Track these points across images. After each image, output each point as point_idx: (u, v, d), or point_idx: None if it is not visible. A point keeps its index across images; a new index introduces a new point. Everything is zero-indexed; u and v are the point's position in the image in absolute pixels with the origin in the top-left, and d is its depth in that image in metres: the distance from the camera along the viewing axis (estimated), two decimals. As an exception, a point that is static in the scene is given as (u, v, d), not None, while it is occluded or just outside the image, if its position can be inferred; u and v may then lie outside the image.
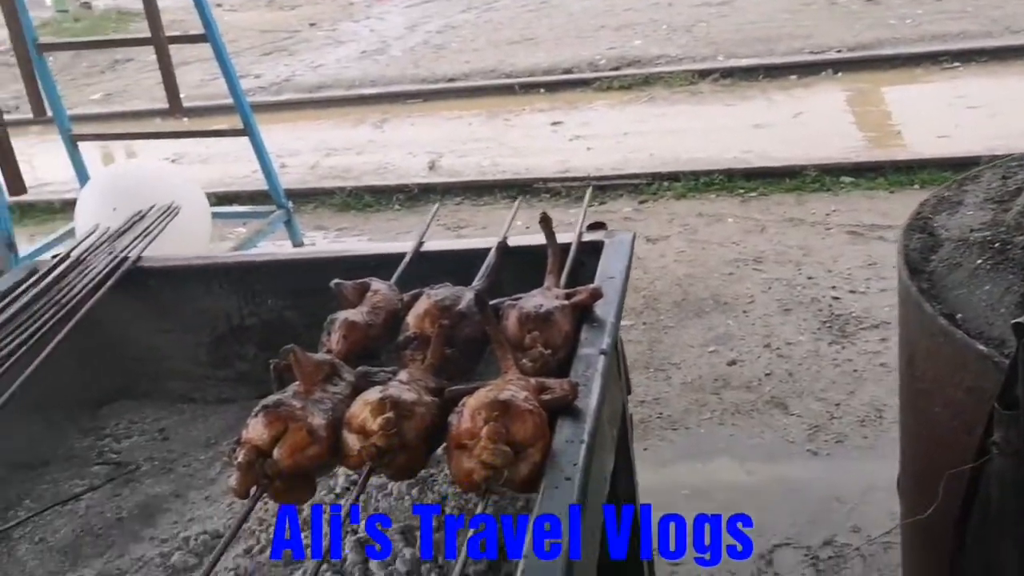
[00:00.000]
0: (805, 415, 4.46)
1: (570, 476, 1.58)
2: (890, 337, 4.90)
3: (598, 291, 2.06)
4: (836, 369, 4.75)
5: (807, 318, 5.19)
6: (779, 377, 4.74)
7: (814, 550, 3.71)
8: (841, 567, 3.63)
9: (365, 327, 2.06)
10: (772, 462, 4.22)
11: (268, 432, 1.70)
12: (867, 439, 4.27)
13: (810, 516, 3.87)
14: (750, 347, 4.99)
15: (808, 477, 4.10)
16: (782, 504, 3.95)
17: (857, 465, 4.11)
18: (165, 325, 2.74)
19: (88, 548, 2.11)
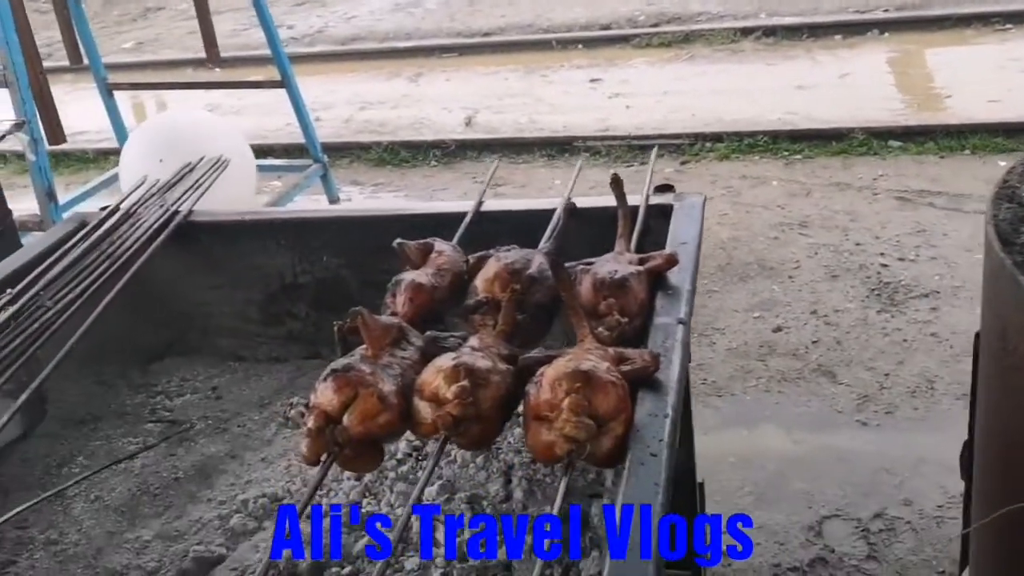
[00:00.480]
0: (854, 384, 4.36)
1: (656, 452, 1.51)
2: (940, 307, 4.80)
3: (674, 257, 1.98)
4: (885, 338, 4.64)
5: (855, 285, 5.07)
6: (826, 345, 4.64)
7: (864, 522, 3.63)
8: (892, 540, 3.55)
9: (431, 289, 1.99)
10: (820, 431, 4.14)
11: (338, 398, 1.64)
12: (918, 411, 4.17)
13: (860, 487, 3.79)
14: (796, 314, 4.89)
15: (857, 448, 4.01)
16: (831, 474, 3.87)
17: (907, 437, 4.02)
18: (216, 281, 2.69)
19: (145, 508, 2.07)
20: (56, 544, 1.98)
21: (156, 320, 2.65)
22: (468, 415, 1.60)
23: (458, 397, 1.60)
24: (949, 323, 4.64)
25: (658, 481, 1.45)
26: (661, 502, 1.41)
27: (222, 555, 1.90)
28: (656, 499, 1.41)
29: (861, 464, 3.91)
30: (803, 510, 3.73)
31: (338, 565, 1.81)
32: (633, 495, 1.42)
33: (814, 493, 3.80)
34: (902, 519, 3.65)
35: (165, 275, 2.62)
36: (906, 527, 3.61)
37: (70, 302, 2.13)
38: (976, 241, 5.29)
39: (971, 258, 5.09)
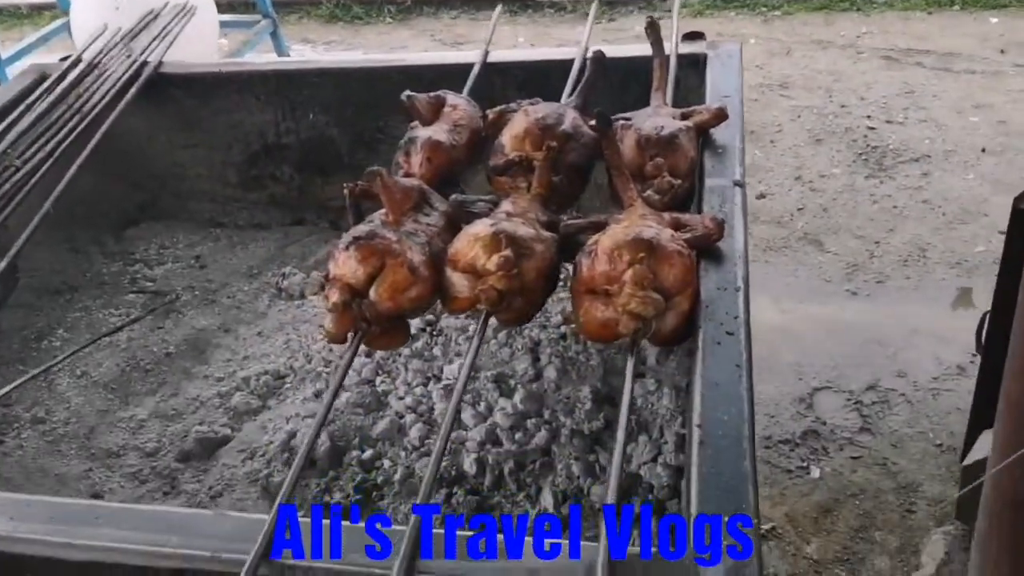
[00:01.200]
0: (842, 253, 4.24)
1: (732, 330, 1.34)
2: (931, 172, 4.66)
3: (723, 111, 1.78)
4: (874, 205, 4.51)
5: (840, 149, 4.92)
6: (812, 212, 4.50)
7: (857, 394, 3.54)
8: (886, 412, 3.47)
9: (449, 148, 1.78)
10: (809, 302, 4.02)
11: (363, 269, 1.44)
12: (910, 280, 4.07)
13: (851, 359, 3.69)
14: (780, 179, 4.73)
15: (847, 318, 3.91)
16: (821, 346, 3.77)
17: (900, 307, 3.92)
18: (190, 140, 2.45)
19: (137, 384, 1.88)
20: (44, 423, 1.80)
21: (127, 182, 2.41)
22: (512, 289, 1.41)
23: (502, 268, 1.41)
24: (940, 189, 4.52)
25: (739, 362, 1.29)
26: (745, 384, 1.25)
27: (227, 435, 1.73)
28: (739, 383, 1.25)
29: (852, 335, 3.81)
30: (793, 382, 3.63)
31: (358, 448, 1.65)
32: (712, 377, 1.26)
33: (804, 365, 3.70)
34: (896, 391, 3.56)
35: (135, 133, 2.38)
36: (900, 399, 3.54)
37: (40, 162, 1.88)
38: (968, 103, 5.15)
39: (962, 120, 4.95)
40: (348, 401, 1.72)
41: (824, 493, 3.23)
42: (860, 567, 2.97)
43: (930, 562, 2.84)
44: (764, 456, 3.41)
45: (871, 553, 3.01)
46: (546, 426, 1.63)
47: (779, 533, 3.08)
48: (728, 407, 1.22)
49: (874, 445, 3.37)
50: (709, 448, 1.15)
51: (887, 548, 3.02)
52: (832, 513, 3.14)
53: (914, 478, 3.22)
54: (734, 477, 1.11)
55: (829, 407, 3.59)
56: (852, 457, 3.35)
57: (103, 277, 2.18)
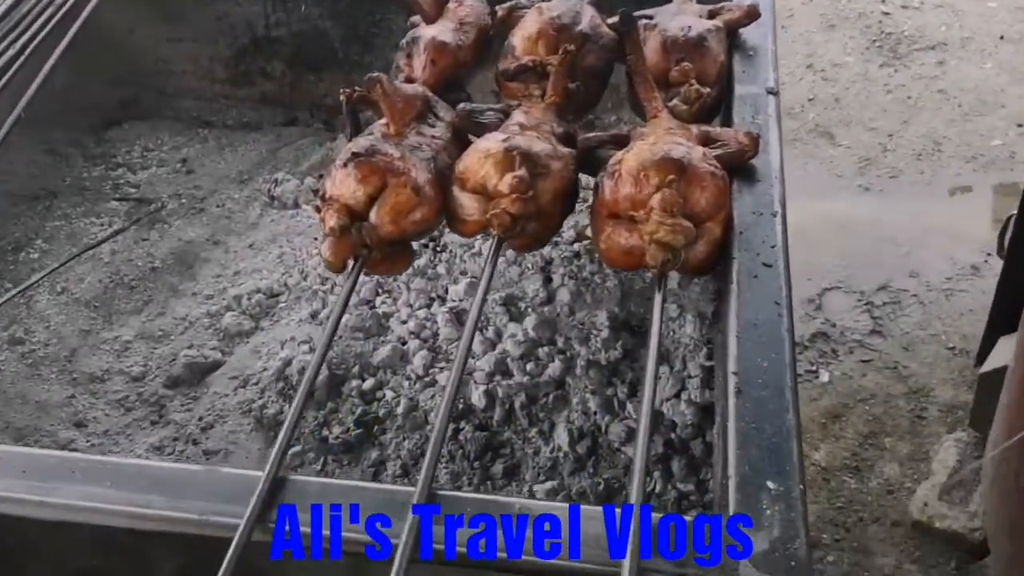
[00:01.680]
0: (854, 146, 4.08)
1: (770, 261, 1.22)
2: (947, 60, 4.47)
3: (754, 8, 1.63)
4: (888, 95, 4.33)
5: (854, 36, 4.69)
6: (824, 103, 4.32)
7: (868, 295, 3.44)
8: (898, 313, 3.37)
9: (455, 49, 1.63)
10: (819, 198, 3.88)
11: (363, 188, 1.31)
12: (924, 175, 3.92)
13: (862, 258, 3.58)
14: (791, 68, 4.52)
15: (859, 215, 3.78)
16: (831, 244, 3.64)
17: (913, 204, 3.78)
18: (174, 33, 2.28)
19: (121, 302, 1.77)
20: (22, 344, 1.69)
21: (107, 79, 2.25)
22: (527, 213, 1.29)
23: (516, 190, 1.28)
24: (956, 79, 4.33)
25: (779, 298, 1.17)
26: (786, 324, 1.14)
27: (217, 360, 1.63)
28: (780, 323, 1.14)
29: (863, 233, 3.69)
30: (802, 282, 3.52)
31: (358, 378, 1.55)
32: (748, 316, 1.14)
33: (814, 264, 3.58)
34: (907, 292, 3.46)
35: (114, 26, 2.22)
36: (912, 300, 3.43)
37: (11, 60, 1.72)
38: (985, -15, 4.93)
39: (980, 6, 4.73)
40: (347, 325, 1.61)
41: (833, 398, 3.15)
42: (869, 474, 2.91)
43: (941, 470, 2.78)
44: (771, 359, 3.31)
45: (880, 460, 2.95)
46: (560, 355, 1.52)
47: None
48: (767, 351, 1.10)
49: (885, 348, 3.28)
50: (747, 400, 1.04)
51: (897, 455, 2.96)
52: (841, 419, 3.07)
53: (925, 382, 3.13)
54: (776, 434, 1.01)
55: (839, 308, 3.49)
56: (862, 360, 3.27)
57: (83, 182, 2.04)
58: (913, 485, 2.80)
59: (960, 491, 2.67)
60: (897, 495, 2.84)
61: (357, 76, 2.07)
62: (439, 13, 1.72)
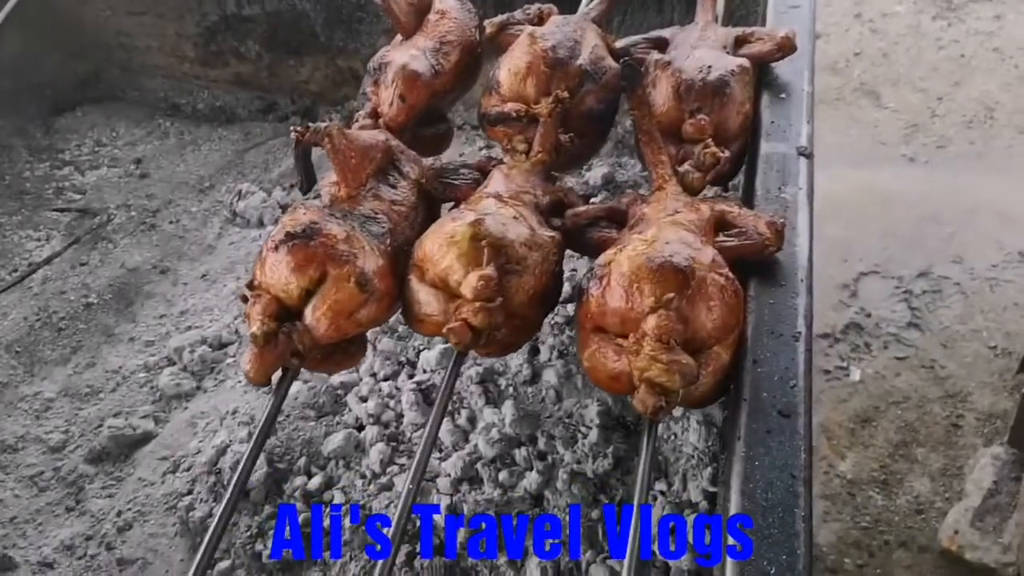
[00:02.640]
0: (901, 109, 3.77)
1: (788, 410, 0.98)
2: (1005, 14, 4.11)
3: (789, 42, 1.35)
4: (939, 52, 3.99)
5: (907, -18, 4.34)
6: (871, 58, 3.98)
7: (907, 282, 3.17)
8: (938, 304, 3.11)
9: (430, 79, 1.36)
10: (861, 167, 3.59)
11: (297, 280, 1.08)
12: (973, 145, 3.62)
13: (903, 239, 3.30)
14: (837, 17, 4.18)
15: (902, 189, 3.49)
16: (871, 222, 3.37)
17: (960, 178, 3.49)
18: (134, 6, 2.03)
19: (47, 348, 1.55)
20: (-72, 399, 1.49)
21: (64, 50, 2.02)
22: (493, 323, 1.05)
23: (480, 296, 1.04)
24: (1015, 35, 3.97)
25: (796, 468, 0.94)
26: (803, 511, 0.91)
27: (147, 432, 1.42)
28: (796, 504, 0.91)
29: (906, 210, 3.41)
30: (838, 264, 3.26)
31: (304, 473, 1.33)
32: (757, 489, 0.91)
33: (851, 244, 3.31)
34: (949, 280, 3.19)
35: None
36: (954, 289, 3.17)
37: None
38: (1055, -70, 4.51)
39: (1045, -50, 4.35)
40: (297, 399, 1.38)
41: (863, 399, 2.92)
42: (897, 489, 2.70)
43: (975, 491, 2.57)
44: (801, 352, 3.09)
45: (910, 474, 2.74)
46: (539, 461, 1.29)
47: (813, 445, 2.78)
48: (778, 549, 0.87)
49: (921, 343, 3.03)
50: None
51: (928, 468, 2.75)
52: (871, 424, 2.85)
53: (963, 385, 2.90)
54: None
55: (875, 296, 3.23)
56: (896, 358, 3.03)
57: (24, 183, 1.81)
58: (944, 505, 2.59)
59: (994, 517, 2.47)
60: (927, 515, 2.63)
61: (343, 62, 1.85)
62: (417, 25, 1.45)
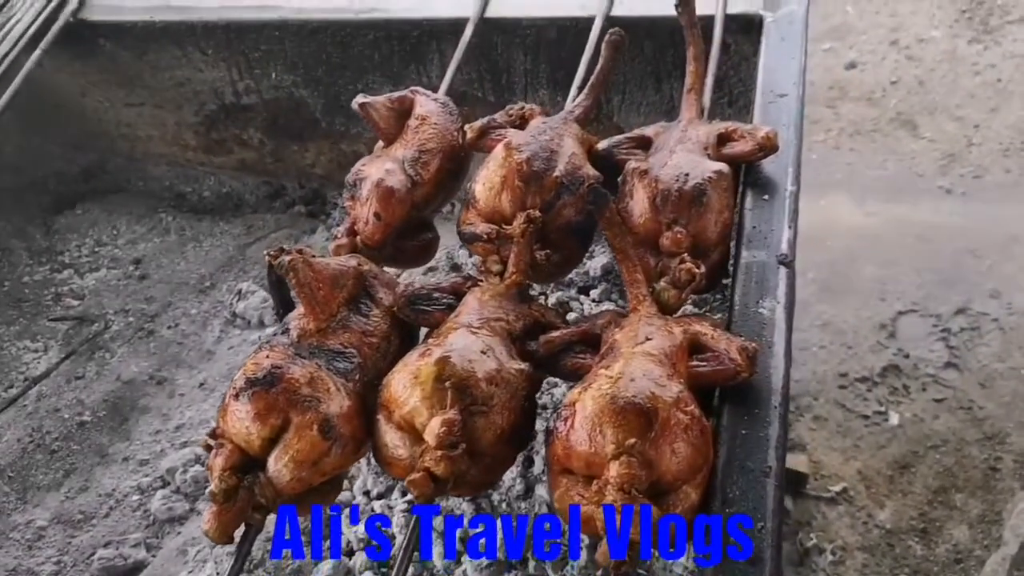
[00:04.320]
0: (938, 139, 3.68)
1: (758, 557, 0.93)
2: (1044, 35, 4.02)
3: (771, 141, 1.30)
4: (976, 78, 3.89)
5: (942, 5, 4.24)
6: (907, 86, 3.90)
7: (945, 320, 3.10)
8: (976, 343, 3.03)
9: (407, 194, 1.33)
10: (897, 200, 3.51)
11: (258, 429, 1.06)
12: (1010, 173, 3.52)
13: (941, 274, 3.23)
14: (872, 45, 4.10)
15: (939, 222, 3.41)
16: (908, 257, 3.29)
17: (998, 208, 3.40)
18: (132, 98, 2.05)
19: (40, 473, 1.55)
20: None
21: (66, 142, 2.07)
22: (457, 472, 1.01)
23: (442, 443, 1.01)
24: None
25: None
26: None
27: (138, 561, 1.41)
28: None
29: (943, 244, 3.32)
30: (875, 304, 3.19)
31: None
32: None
33: (888, 282, 3.24)
34: (988, 316, 3.11)
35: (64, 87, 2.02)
36: (992, 326, 3.08)
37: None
38: (1094, -55, 4.39)
39: (1086, -34, 4.24)
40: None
41: (902, 445, 2.86)
42: (937, 538, 2.64)
43: (1012, 540, 2.51)
44: (839, 398, 3.06)
45: (949, 521, 2.67)
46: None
47: (850, 496, 2.75)
48: None
49: (960, 384, 2.97)
50: None
51: (967, 515, 2.68)
52: (910, 470, 2.79)
53: (1002, 426, 2.84)
54: None
55: (913, 335, 3.16)
56: (935, 400, 2.97)
57: (23, 289, 1.82)
58: (983, 553, 2.54)
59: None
60: (965, 565, 2.57)
61: (346, 146, 1.85)
62: (398, 129, 1.43)
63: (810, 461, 2.82)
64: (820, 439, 2.88)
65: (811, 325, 3.20)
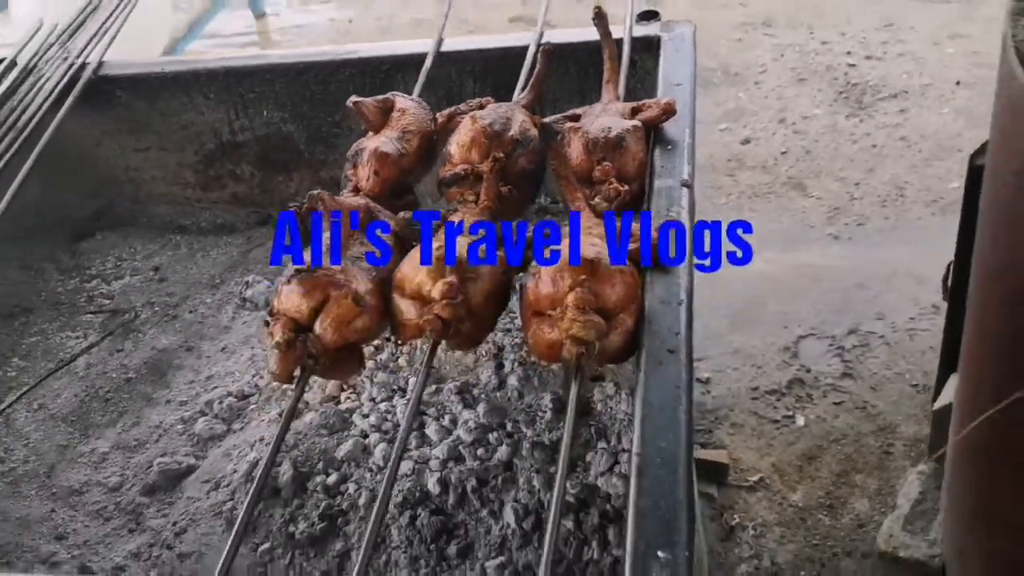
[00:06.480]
0: (824, 196, 4.22)
1: (674, 348, 1.32)
2: (909, 108, 4.63)
3: (671, 106, 1.74)
4: (854, 145, 4.48)
5: (822, 88, 4.86)
6: (796, 155, 4.46)
7: (839, 339, 3.56)
8: (867, 355, 3.50)
9: (398, 158, 1.74)
10: (792, 249, 4.01)
11: (306, 303, 1.42)
12: (888, 220, 4.07)
13: (833, 305, 3.70)
14: (764, 123, 4.68)
15: (830, 264, 3.91)
16: (805, 294, 3.77)
17: (879, 249, 3.92)
18: (142, 143, 2.41)
19: (97, 415, 1.86)
20: (2, 463, 1.78)
21: (79, 190, 2.38)
22: (458, 316, 1.39)
23: (446, 296, 1.39)
24: (918, 125, 4.49)
25: (679, 383, 1.27)
26: (684, 406, 1.24)
27: (191, 465, 1.72)
28: (679, 406, 1.24)
29: (834, 280, 3.81)
30: (779, 331, 3.65)
31: (323, 473, 1.64)
32: (652, 399, 1.25)
33: (789, 313, 3.71)
34: (875, 334, 3.59)
35: (82, 139, 2.36)
36: (879, 342, 3.56)
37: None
38: (944, 33, 5.08)
39: (939, 53, 4.90)
40: (312, 423, 1.71)
41: (808, 440, 3.28)
42: (842, 511, 3.04)
43: (905, 503, 2.91)
44: (752, 408, 3.46)
45: (852, 496, 3.08)
46: (508, 439, 1.62)
47: (766, 483, 3.13)
48: (667, 432, 1.20)
49: (855, 389, 3.43)
50: (646, 478, 1.15)
51: (867, 491, 3.09)
52: (816, 460, 3.20)
53: (892, 419, 3.29)
54: (669, 509, 1.11)
55: (813, 354, 3.62)
56: (835, 403, 3.41)
57: (58, 296, 2.15)
58: (881, 518, 2.93)
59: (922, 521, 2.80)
60: (867, 528, 2.97)
61: (324, 173, 2.19)
62: (385, 121, 1.84)
63: (730, 458, 3.20)
64: (738, 441, 3.28)
65: (724, 352, 3.63)
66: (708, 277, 3.93)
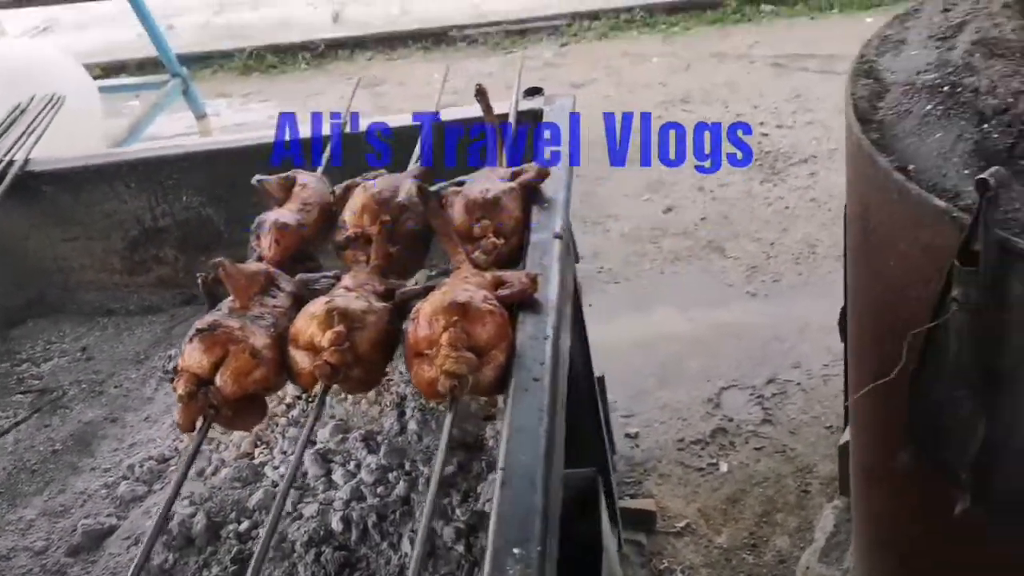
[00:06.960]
0: (742, 257, 4.43)
1: (538, 376, 1.47)
2: (818, 171, 4.89)
3: (544, 170, 1.91)
4: (769, 208, 4.71)
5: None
6: (715, 221, 4.69)
7: (759, 389, 3.75)
8: (785, 402, 3.68)
9: (297, 228, 1.89)
10: (713, 308, 4.21)
11: (207, 358, 1.55)
12: (802, 276, 4.28)
13: (753, 357, 3.89)
14: (684, 192, 4.92)
15: (748, 320, 4.10)
16: (725, 348, 3.96)
17: (793, 304, 4.13)
18: (68, 233, 2.53)
19: (25, 486, 1.96)
20: (-71, 537, 1.88)
21: (10, 281, 2.50)
22: (346, 361, 1.53)
23: (333, 344, 1.53)
24: (826, 186, 4.74)
25: (542, 406, 1.41)
26: (545, 429, 1.38)
27: (112, 525, 1.82)
28: (540, 426, 1.38)
29: (753, 335, 4.00)
30: (702, 385, 3.82)
31: (235, 521, 1.76)
32: (517, 422, 1.39)
33: (711, 368, 3.89)
34: (792, 382, 3.78)
35: (11, 233, 2.48)
36: (796, 389, 3.75)
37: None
38: (849, 102, 5.38)
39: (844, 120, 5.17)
40: (226, 477, 1.83)
41: (732, 485, 3.44)
42: (764, 549, 3.17)
43: (821, 536, 3.07)
44: (678, 458, 3.62)
45: (773, 535, 3.22)
46: (406, 476, 1.74)
47: (693, 528, 3.26)
48: (528, 450, 1.34)
49: (774, 434, 3.61)
50: (508, 488, 1.29)
51: (787, 528, 3.24)
52: (739, 503, 3.35)
53: (809, 460, 3.47)
54: (527, 513, 1.24)
55: (735, 404, 3.79)
56: (756, 448, 3.58)
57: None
58: (800, 553, 3.07)
59: (836, 552, 2.94)
60: (788, 564, 3.11)
61: (240, 252, 2.32)
62: (288, 196, 2.00)
63: (658, 506, 3.33)
64: (665, 490, 3.42)
65: (651, 408, 3.79)
66: (637, 342, 4.10)
